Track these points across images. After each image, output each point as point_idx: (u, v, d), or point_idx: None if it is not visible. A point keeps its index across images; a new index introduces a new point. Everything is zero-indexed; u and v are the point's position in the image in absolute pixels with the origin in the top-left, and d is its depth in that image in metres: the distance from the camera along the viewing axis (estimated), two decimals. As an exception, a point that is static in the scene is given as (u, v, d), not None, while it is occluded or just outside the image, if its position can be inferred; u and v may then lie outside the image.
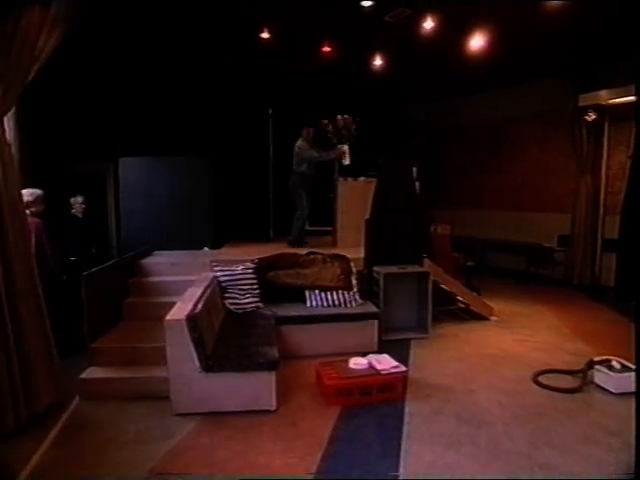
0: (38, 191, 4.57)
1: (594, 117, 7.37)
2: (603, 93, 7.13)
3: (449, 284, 5.83)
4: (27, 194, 4.23)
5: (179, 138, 7.25)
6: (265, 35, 6.28)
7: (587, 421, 3.38)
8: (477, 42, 6.08)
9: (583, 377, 4.00)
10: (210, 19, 5.85)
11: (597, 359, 4.06)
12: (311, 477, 2.76)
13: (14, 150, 3.70)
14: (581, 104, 7.42)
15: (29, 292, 3.38)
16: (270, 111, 7.50)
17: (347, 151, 6.41)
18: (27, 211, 3.93)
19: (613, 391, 3.77)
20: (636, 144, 6.30)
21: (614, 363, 3.89)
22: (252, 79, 7.72)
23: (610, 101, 7.11)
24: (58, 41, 3.44)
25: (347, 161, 6.41)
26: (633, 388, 2.78)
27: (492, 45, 6.11)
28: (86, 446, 3.12)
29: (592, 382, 3.97)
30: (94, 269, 4.22)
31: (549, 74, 7.84)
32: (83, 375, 3.86)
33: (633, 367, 3.42)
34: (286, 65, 7.45)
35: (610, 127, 7.46)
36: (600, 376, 3.92)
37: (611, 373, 3.83)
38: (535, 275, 8.27)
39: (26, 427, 3.25)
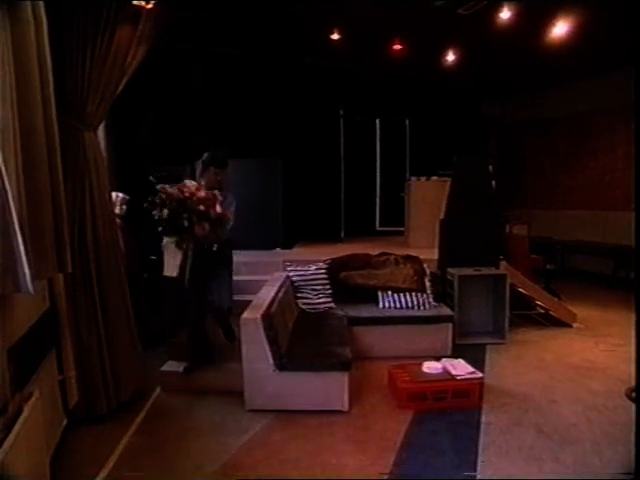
0: (120, 194, 4.89)
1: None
2: None
3: (527, 287, 5.52)
4: (110, 197, 4.55)
5: (250, 140, 7.46)
6: (335, 36, 6.30)
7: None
8: (560, 29, 5.70)
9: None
10: (280, 22, 5.95)
11: None
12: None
13: (104, 158, 3.98)
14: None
15: (117, 289, 3.62)
16: (341, 111, 7.51)
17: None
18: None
19: None
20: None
21: None
22: (322, 79, 7.77)
23: None
24: (144, 55, 3.67)
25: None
26: None
27: (576, 31, 5.70)
28: (166, 434, 3.29)
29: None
30: (174, 267, 4.44)
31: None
32: (163, 368, 4.06)
33: None
34: (356, 64, 7.43)
35: None
36: None
37: None
38: (624, 280, 7.60)
39: (115, 412, 3.48)
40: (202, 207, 3.43)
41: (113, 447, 3.09)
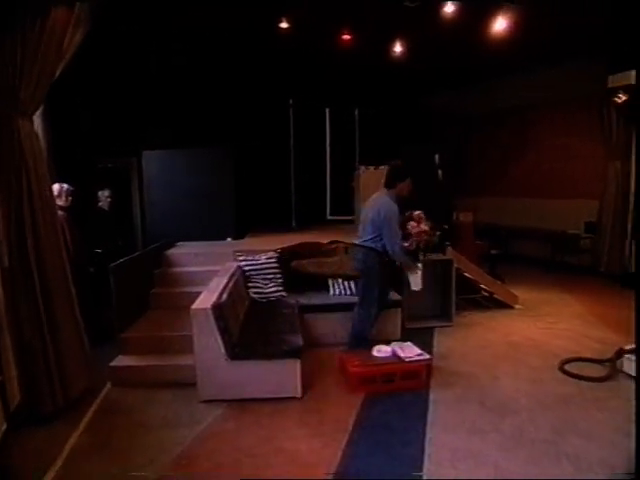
0: (65, 185, 4.69)
1: (624, 99, 7.08)
2: (634, 73, 6.84)
3: (473, 272, 5.77)
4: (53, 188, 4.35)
5: (200, 130, 7.32)
6: (284, 25, 6.24)
7: (616, 410, 3.32)
8: (500, 25, 5.90)
9: (612, 366, 3.93)
10: (229, 10, 5.83)
11: (627, 347, 3.95)
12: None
13: (43, 147, 3.80)
14: (610, 85, 7.12)
15: (61, 283, 3.49)
16: (290, 101, 7.50)
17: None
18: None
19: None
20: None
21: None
22: (272, 69, 7.72)
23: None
24: (81, 40, 3.51)
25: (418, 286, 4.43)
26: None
27: (517, 27, 5.92)
28: (117, 430, 3.23)
29: (621, 371, 3.89)
30: (121, 260, 4.33)
31: (576, 56, 7.58)
32: (113, 363, 3.98)
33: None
34: (305, 54, 7.41)
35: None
36: (630, 365, 3.83)
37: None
38: (561, 263, 8.10)
39: (62, 411, 3.38)
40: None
41: (61, 447, 3.00)
